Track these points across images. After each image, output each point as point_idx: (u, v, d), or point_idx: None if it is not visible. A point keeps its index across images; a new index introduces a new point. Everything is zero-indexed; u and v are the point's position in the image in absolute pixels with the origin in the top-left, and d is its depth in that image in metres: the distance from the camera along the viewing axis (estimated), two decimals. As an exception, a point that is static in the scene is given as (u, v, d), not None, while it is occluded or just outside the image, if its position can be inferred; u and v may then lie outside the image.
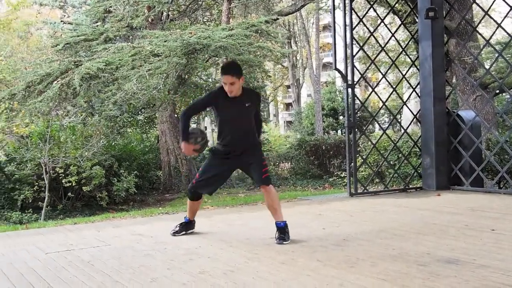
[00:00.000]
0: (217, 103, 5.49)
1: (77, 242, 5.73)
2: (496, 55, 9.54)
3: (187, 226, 5.99)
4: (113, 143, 17.09)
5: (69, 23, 19.72)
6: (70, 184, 13.66)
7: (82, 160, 13.89)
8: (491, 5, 9.51)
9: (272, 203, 5.52)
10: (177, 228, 5.93)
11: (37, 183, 13.69)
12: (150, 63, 12.30)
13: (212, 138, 34.94)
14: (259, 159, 5.60)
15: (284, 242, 5.28)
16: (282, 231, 5.41)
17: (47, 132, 14.03)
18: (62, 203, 14.21)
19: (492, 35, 9.56)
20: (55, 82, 12.75)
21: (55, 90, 12.32)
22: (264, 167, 5.54)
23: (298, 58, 41.45)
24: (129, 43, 13.84)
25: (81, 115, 16.15)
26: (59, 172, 13.62)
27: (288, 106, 59.42)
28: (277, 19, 15.37)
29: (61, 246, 5.51)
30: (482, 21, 10.06)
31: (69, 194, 14.12)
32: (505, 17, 8.84)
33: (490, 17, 9.09)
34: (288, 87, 48.17)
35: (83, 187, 13.88)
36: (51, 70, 13.14)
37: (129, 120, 20.30)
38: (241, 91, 5.44)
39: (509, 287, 3.64)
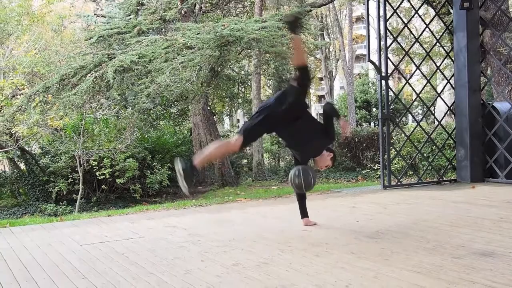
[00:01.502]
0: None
1: (111, 234, 5.80)
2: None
3: None
4: (146, 136, 17.23)
5: (102, 16, 19.88)
6: (103, 176, 13.82)
7: (115, 153, 14.03)
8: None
9: None
10: None
11: (71, 176, 13.89)
12: (183, 56, 12.34)
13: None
14: None
15: None
16: None
17: (81, 125, 14.20)
18: (96, 195, 14.39)
19: (529, 25, 9.39)
20: (89, 75, 12.88)
21: (88, 83, 12.45)
22: None
23: (331, 50, 41.18)
24: (162, 35, 13.91)
25: (115, 108, 16.31)
26: (93, 164, 13.78)
27: (321, 98, 59.13)
28: (310, 10, 15.32)
29: (96, 238, 5.58)
30: (519, 11, 9.88)
31: (103, 186, 14.29)
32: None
33: (527, 7, 8.93)
34: (321, 79, 47.90)
35: (116, 180, 14.03)
36: (85, 63, 13.29)
37: (162, 112, 20.43)
38: None
39: (547, 281, 3.59)
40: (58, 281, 3.99)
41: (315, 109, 60.28)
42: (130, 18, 16.29)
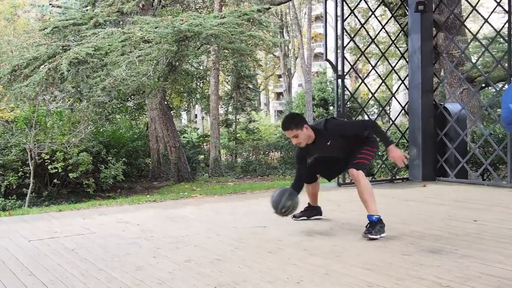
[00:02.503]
0: (306, 152, 5.50)
1: (61, 229, 5.70)
2: (483, 49, 9.59)
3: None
4: (101, 130, 17.01)
5: (58, 7, 19.50)
6: (56, 170, 13.55)
7: (69, 146, 13.80)
8: (479, 0, 9.55)
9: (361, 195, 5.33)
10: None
11: (21, 169, 13.57)
12: (140, 50, 12.21)
13: (202, 125, 34.89)
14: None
15: (370, 236, 4.97)
16: (372, 225, 5.10)
17: (33, 117, 13.90)
18: (48, 189, 14.13)
19: (479, 29, 9.59)
20: (42, 66, 12.61)
21: (42, 75, 12.19)
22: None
23: (289, 48, 41.43)
24: (120, 28, 13.73)
25: (69, 100, 16.03)
26: (45, 158, 13.51)
27: (279, 95, 59.40)
28: (270, 8, 15.33)
29: (45, 234, 5.49)
30: (470, 16, 10.09)
31: (55, 180, 14.03)
32: (492, 12, 8.86)
33: (478, 12, 9.15)
34: (280, 76, 48.17)
35: (69, 174, 13.78)
36: (38, 54, 13.00)
37: (118, 106, 20.20)
38: (314, 135, 5.28)
39: (490, 277, 3.69)
40: (3, 278, 3.91)
41: (273, 106, 60.52)
42: (87, 10, 16.03)
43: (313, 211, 5.99)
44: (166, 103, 18.27)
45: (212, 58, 18.48)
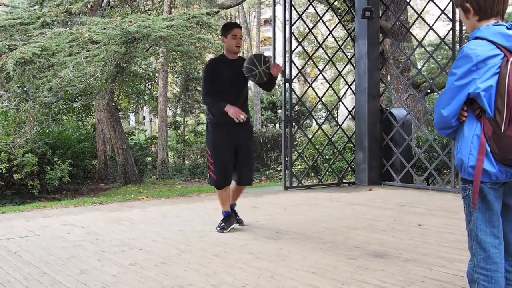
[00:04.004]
0: (216, 70, 5.54)
1: (4, 232, 5.60)
2: (428, 56, 9.82)
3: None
4: (47, 130, 16.68)
5: (4, 5, 19.08)
6: (0, 171, 13.26)
7: (13, 147, 13.50)
8: (424, 8, 9.78)
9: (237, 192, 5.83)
10: (222, 224, 5.58)
11: (-37, 169, 13.22)
12: (88, 50, 12.07)
13: (151, 127, 34.61)
14: (251, 147, 5.81)
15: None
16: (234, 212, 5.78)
17: (-23, 116, 13.58)
18: (-9, 190, 13.79)
19: (425, 36, 9.82)
20: (-13, 65, 12.35)
21: (-14, 74, 11.95)
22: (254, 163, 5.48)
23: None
24: (67, 28, 13.53)
25: (14, 100, 15.69)
26: (-12, 158, 13.20)
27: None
28: (219, 11, 15.34)
29: (-13, 236, 5.38)
30: (416, 22, 10.34)
31: (-1, 181, 13.71)
32: (436, 19, 9.09)
33: (423, 20, 9.38)
34: (228, 79, 48.10)
35: (13, 175, 13.47)
36: (-16, 53, 12.72)
37: (65, 107, 19.81)
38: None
39: (433, 281, 3.79)
40: None
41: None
42: (35, 9, 15.73)
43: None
44: (113, 104, 18.05)
45: (161, 60, 18.35)
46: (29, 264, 4.26)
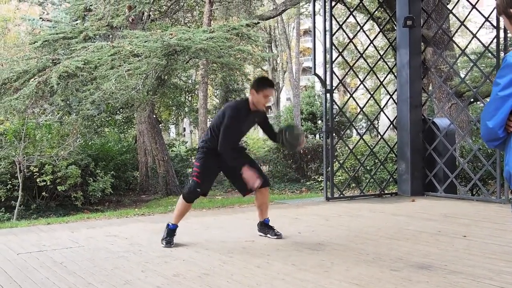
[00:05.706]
0: (239, 121, 5.52)
1: (50, 242, 5.68)
2: (471, 64, 9.67)
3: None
4: (90, 143, 16.96)
5: (48, 20, 19.51)
6: (44, 183, 13.49)
7: (57, 159, 13.74)
8: (467, 16, 9.64)
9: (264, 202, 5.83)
10: (168, 238, 5.51)
11: (10, 182, 13.50)
12: (130, 63, 12.22)
13: (191, 138, 34.87)
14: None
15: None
16: (269, 227, 5.82)
17: (22, 130, 13.85)
18: (36, 202, 14.04)
19: (468, 44, 9.66)
20: (32, 79, 12.59)
21: (31, 88, 12.18)
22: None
23: (278, 62, 41.51)
24: (109, 42, 13.73)
25: (58, 113, 15.99)
26: (34, 171, 13.44)
27: (267, 109, 59.50)
28: (258, 23, 15.40)
29: (33, 247, 5.46)
30: (459, 31, 10.19)
31: (43, 193, 13.95)
32: (480, 27, 8.96)
33: (466, 28, 9.22)
34: (268, 90, 48.14)
35: (57, 187, 13.72)
36: (28, 67, 12.99)
37: (107, 119, 20.16)
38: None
39: (479, 294, 3.70)
40: (-8, 291, 3.90)
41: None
42: (77, 24, 16.05)
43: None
44: (154, 116, 18.24)
45: (201, 72, 18.47)
46: (74, 275, 4.31)
